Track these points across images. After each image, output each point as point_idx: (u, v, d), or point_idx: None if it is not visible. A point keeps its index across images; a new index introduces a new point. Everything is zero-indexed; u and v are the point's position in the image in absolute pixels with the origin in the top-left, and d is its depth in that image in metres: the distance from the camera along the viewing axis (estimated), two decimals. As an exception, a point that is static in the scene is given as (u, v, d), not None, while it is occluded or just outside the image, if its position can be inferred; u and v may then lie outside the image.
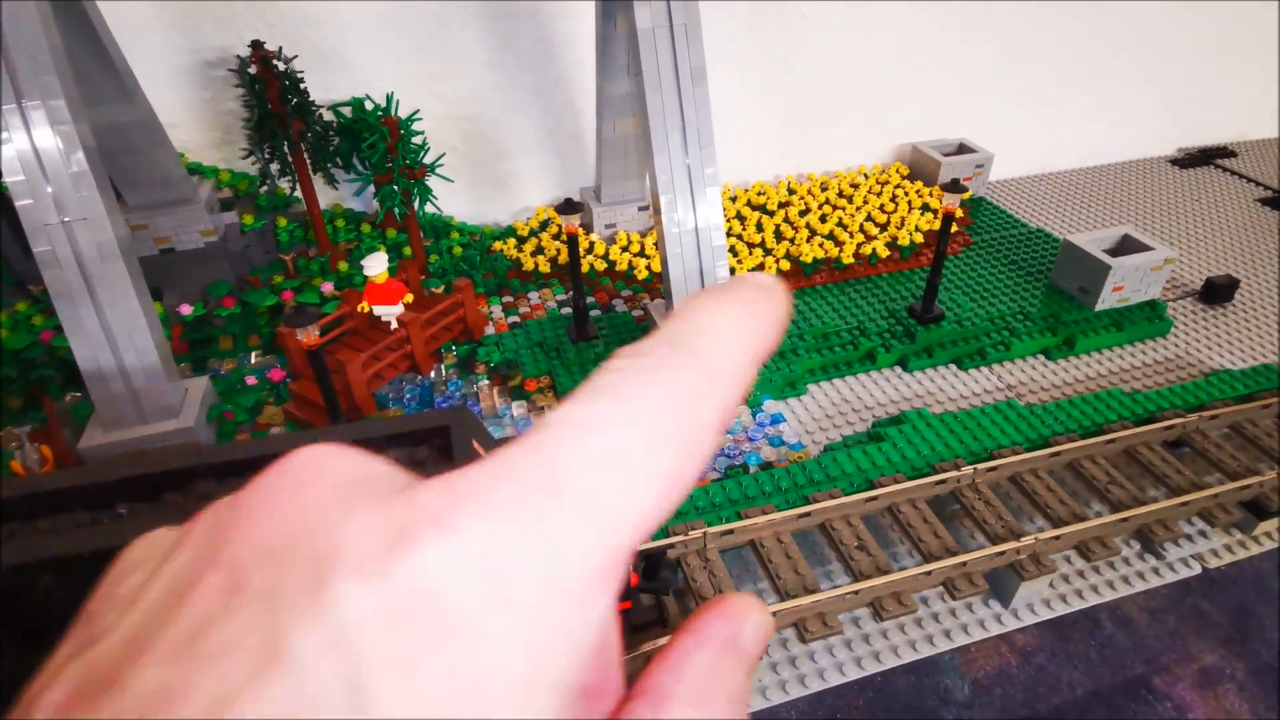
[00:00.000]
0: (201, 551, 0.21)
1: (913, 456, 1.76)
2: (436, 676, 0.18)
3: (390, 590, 0.18)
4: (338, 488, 0.21)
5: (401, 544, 0.19)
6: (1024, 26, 2.94)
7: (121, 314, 1.63)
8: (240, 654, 0.18)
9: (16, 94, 1.47)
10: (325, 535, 0.20)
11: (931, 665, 1.43)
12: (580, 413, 0.21)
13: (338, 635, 0.18)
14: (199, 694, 0.18)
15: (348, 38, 2.30)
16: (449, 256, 2.39)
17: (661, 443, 0.21)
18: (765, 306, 0.25)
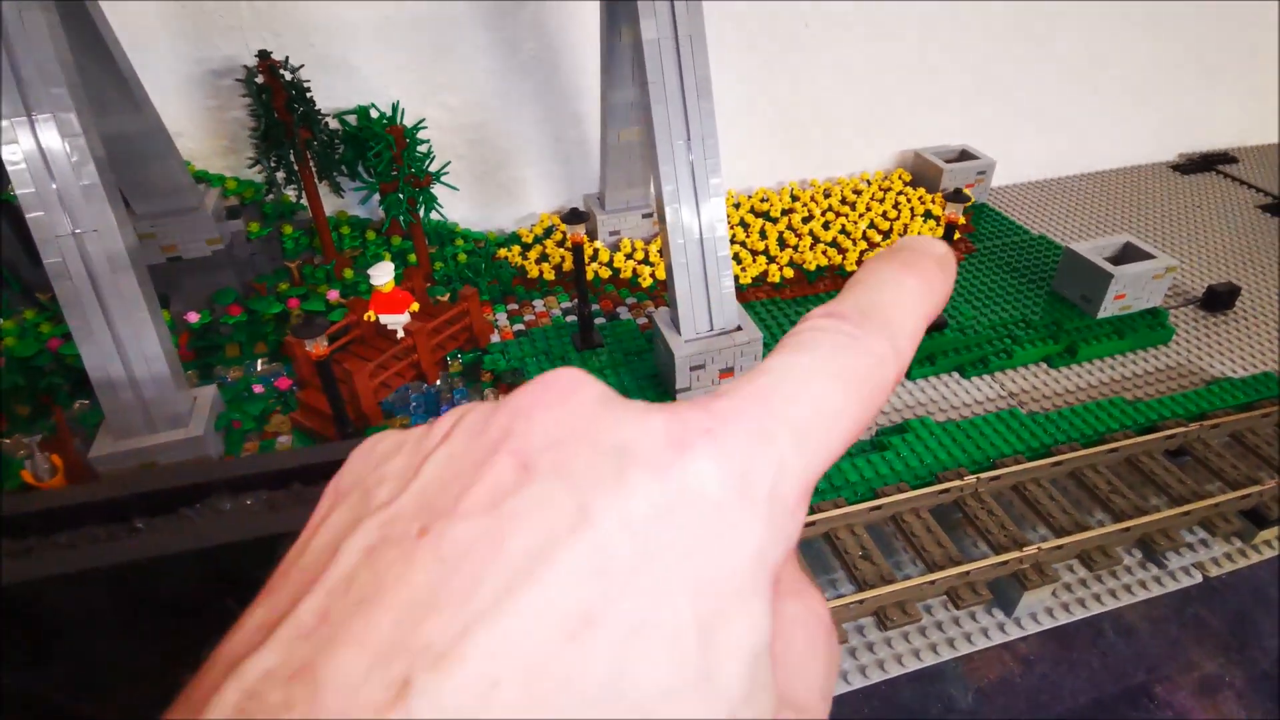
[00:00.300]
0: (479, 440, 0.25)
1: (916, 465, 1.78)
2: (698, 553, 0.22)
3: (671, 484, 0.22)
4: (599, 399, 0.25)
5: (681, 449, 0.23)
6: (1025, 33, 2.95)
7: (131, 324, 1.64)
8: (550, 513, 0.21)
9: (26, 106, 1.48)
10: (614, 432, 0.24)
11: (935, 674, 1.45)
12: (796, 362, 0.26)
13: (629, 514, 0.22)
14: (514, 544, 0.21)
15: (353, 46, 2.31)
16: (454, 264, 2.41)
17: (854, 396, 0.26)
18: (941, 283, 0.30)
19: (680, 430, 0.24)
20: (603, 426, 0.24)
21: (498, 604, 0.20)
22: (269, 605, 0.23)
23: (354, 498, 0.25)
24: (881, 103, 2.96)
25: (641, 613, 0.20)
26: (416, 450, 0.26)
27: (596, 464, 0.23)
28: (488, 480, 0.23)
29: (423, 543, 0.21)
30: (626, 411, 0.25)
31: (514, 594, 0.20)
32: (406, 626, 0.20)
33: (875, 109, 2.96)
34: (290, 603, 0.22)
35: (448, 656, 0.19)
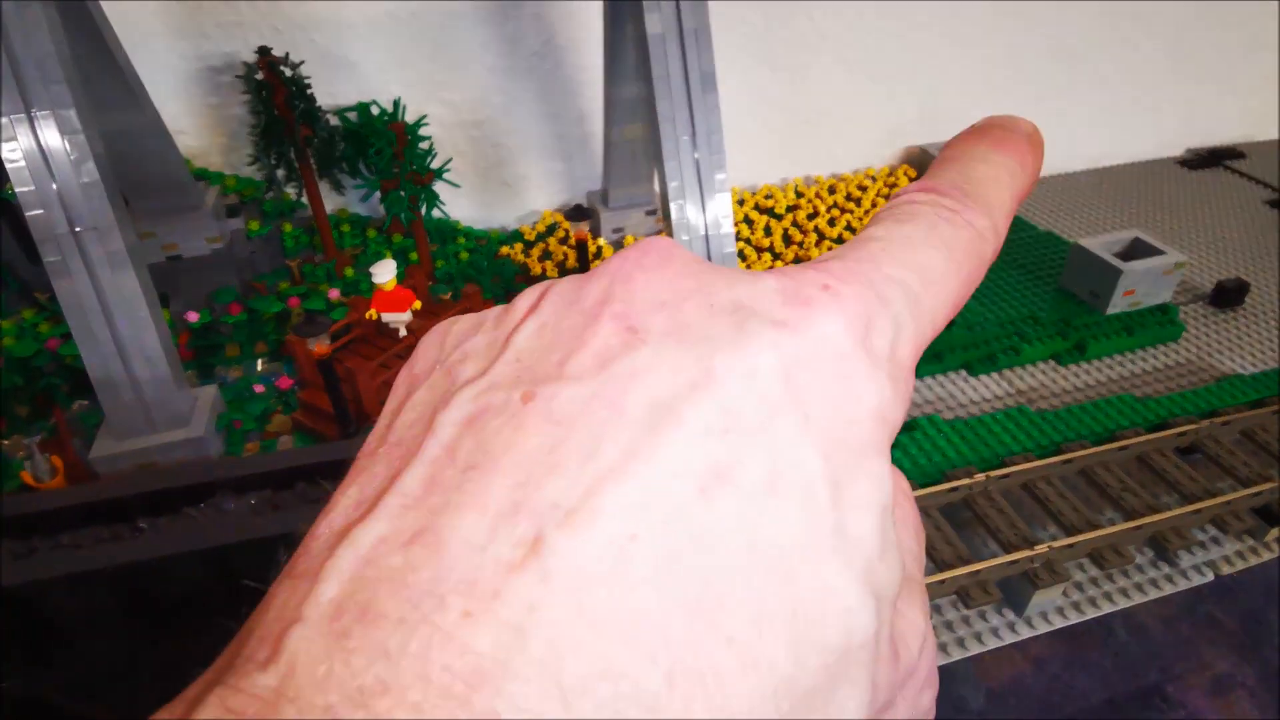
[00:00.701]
0: (575, 308, 0.24)
1: (925, 464, 1.76)
2: (825, 408, 0.21)
3: (796, 338, 0.22)
4: (695, 263, 0.25)
5: (802, 303, 0.23)
6: (1031, 27, 2.93)
7: (132, 323, 1.62)
8: (668, 373, 0.20)
9: (25, 103, 1.47)
10: (728, 291, 0.23)
11: (946, 674, 1.43)
12: (900, 231, 0.26)
13: (754, 370, 0.21)
14: (633, 402, 0.20)
15: (354, 43, 2.29)
16: (456, 261, 2.39)
17: (957, 267, 0.26)
18: (1033, 160, 0.30)
19: (796, 287, 0.23)
20: (714, 286, 0.24)
21: (624, 462, 0.19)
22: (363, 483, 0.21)
23: (436, 378, 0.24)
24: (886, 98, 2.93)
25: (772, 467, 0.20)
26: (499, 325, 0.25)
27: (713, 322, 0.22)
28: (593, 345, 0.22)
29: (530, 408, 0.20)
30: (735, 273, 0.24)
31: (640, 451, 0.19)
32: (528, 488, 0.19)
33: (880, 104, 2.94)
34: (390, 477, 0.20)
35: (578, 512, 0.18)
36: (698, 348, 0.21)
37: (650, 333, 0.22)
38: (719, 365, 0.21)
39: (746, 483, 0.19)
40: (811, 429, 0.21)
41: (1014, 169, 0.29)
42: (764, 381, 0.21)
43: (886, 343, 0.23)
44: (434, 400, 0.23)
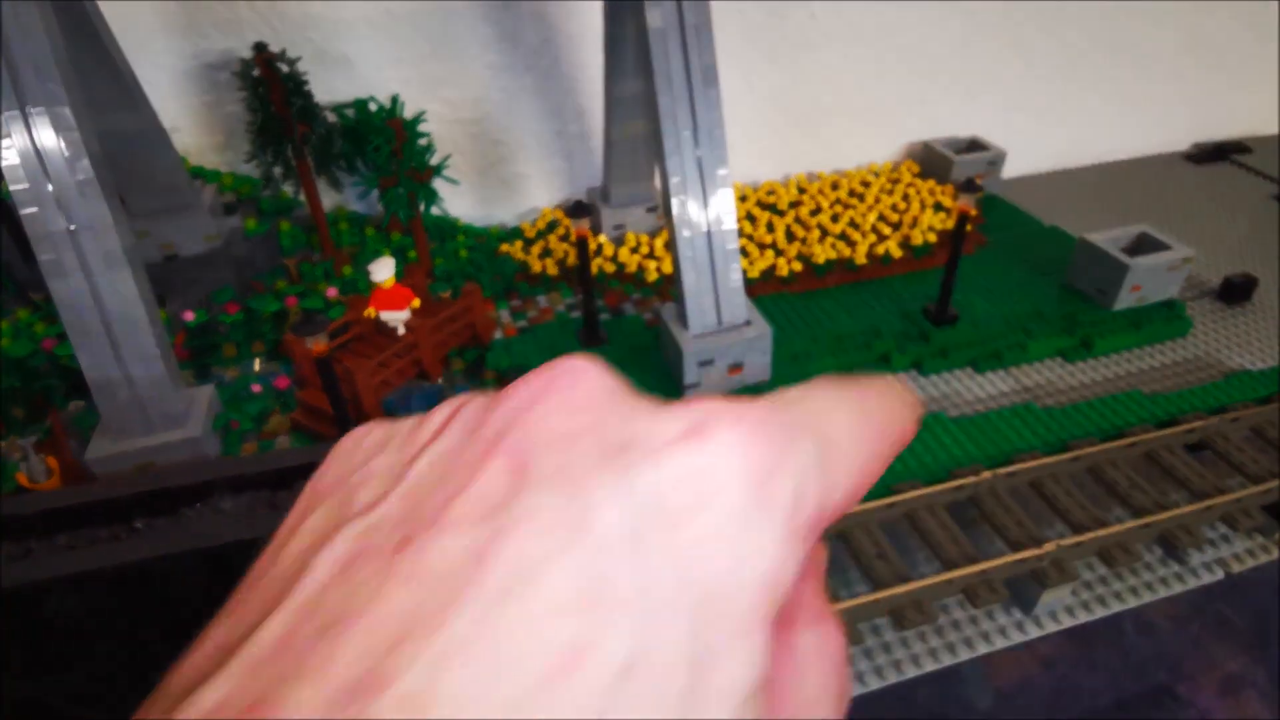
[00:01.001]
0: (473, 438, 0.23)
1: (930, 462, 1.74)
2: (706, 570, 0.20)
3: (687, 482, 0.21)
4: (609, 391, 0.24)
5: (701, 439, 0.21)
6: (1035, 22, 2.90)
7: (128, 323, 1.61)
8: (543, 527, 0.20)
9: (20, 99, 1.45)
10: (624, 427, 0.22)
11: (953, 674, 1.41)
12: (820, 392, 0.25)
13: (634, 524, 0.20)
14: (499, 562, 0.19)
15: (352, 41, 2.28)
16: (455, 259, 2.37)
17: (873, 437, 0.25)
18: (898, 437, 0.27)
19: (700, 421, 0.22)
20: (612, 421, 0.23)
21: (472, 638, 0.18)
22: (230, 624, 0.21)
23: (334, 499, 0.24)
24: (889, 93, 2.91)
25: (634, 645, 0.19)
26: (406, 445, 0.24)
27: (601, 465, 0.21)
28: (480, 485, 0.21)
29: (401, 558, 0.20)
30: (640, 404, 0.23)
31: (490, 628, 0.18)
32: (372, 659, 0.18)
33: (883, 99, 2.92)
34: (253, 622, 0.20)
35: (413, 700, 0.17)
36: (579, 497, 0.20)
37: (537, 475, 0.21)
38: (597, 521, 0.20)
39: (602, 664, 0.18)
40: (687, 596, 0.19)
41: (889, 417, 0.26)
42: (644, 537, 0.20)
43: (788, 494, 0.22)
44: (324, 529, 0.22)
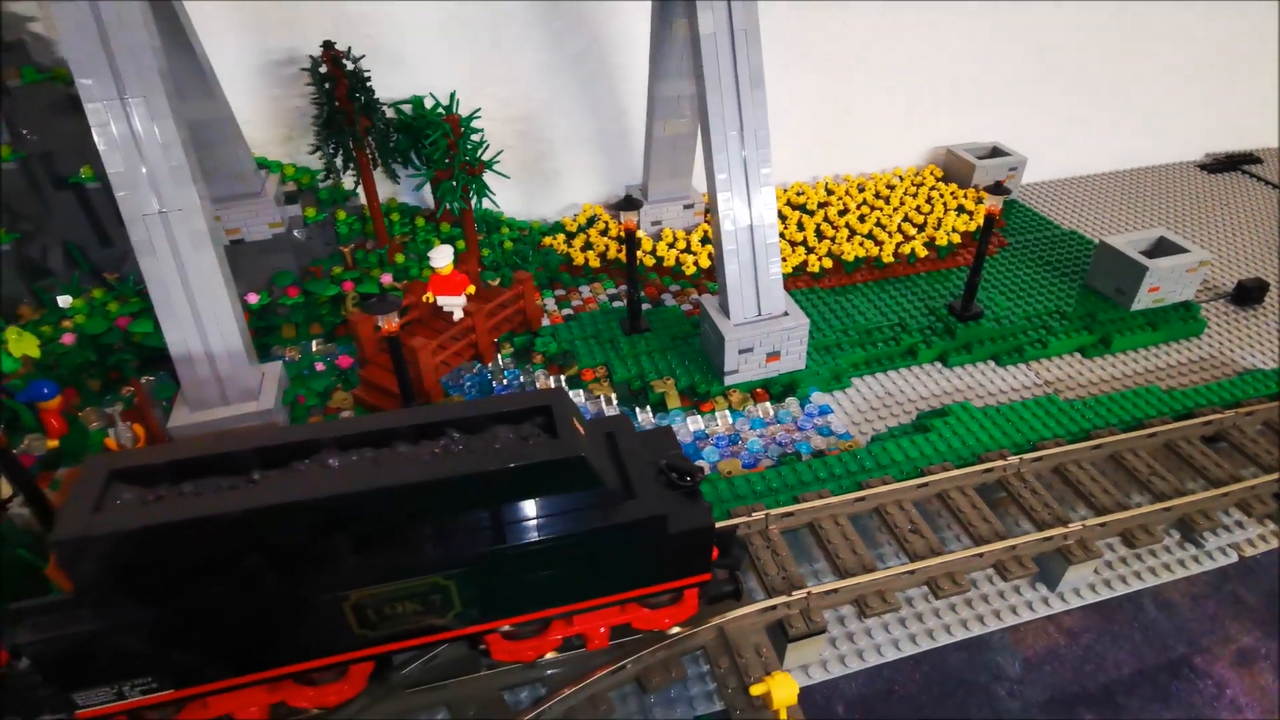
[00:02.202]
0: None
1: (958, 446, 1.83)
2: None
3: None
4: None
5: None
6: (1055, 32, 3.00)
7: (210, 301, 1.71)
8: None
9: (119, 88, 1.55)
10: None
11: (983, 643, 1.51)
12: None
13: None
14: None
15: (407, 38, 2.38)
16: (501, 250, 2.47)
17: None
18: None
19: None
20: None
21: None
22: None
23: None
24: (914, 100, 3.01)
25: None
26: None
27: None
28: None
29: None
30: None
31: None
32: None
33: (908, 106, 3.02)
34: None
35: None
36: None
37: None
38: None
39: None
40: None
41: None
42: None
43: None
44: None
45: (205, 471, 1.05)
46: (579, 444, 1.08)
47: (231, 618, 1.04)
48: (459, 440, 1.10)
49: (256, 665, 1.10)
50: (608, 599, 1.22)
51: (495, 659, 1.26)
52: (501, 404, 1.15)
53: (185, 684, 1.08)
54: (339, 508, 1.01)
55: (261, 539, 1.01)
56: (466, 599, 1.12)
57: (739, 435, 1.92)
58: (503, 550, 1.09)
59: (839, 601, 1.46)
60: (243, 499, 1.00)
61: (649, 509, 1.15)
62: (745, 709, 1.26)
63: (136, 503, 1.00)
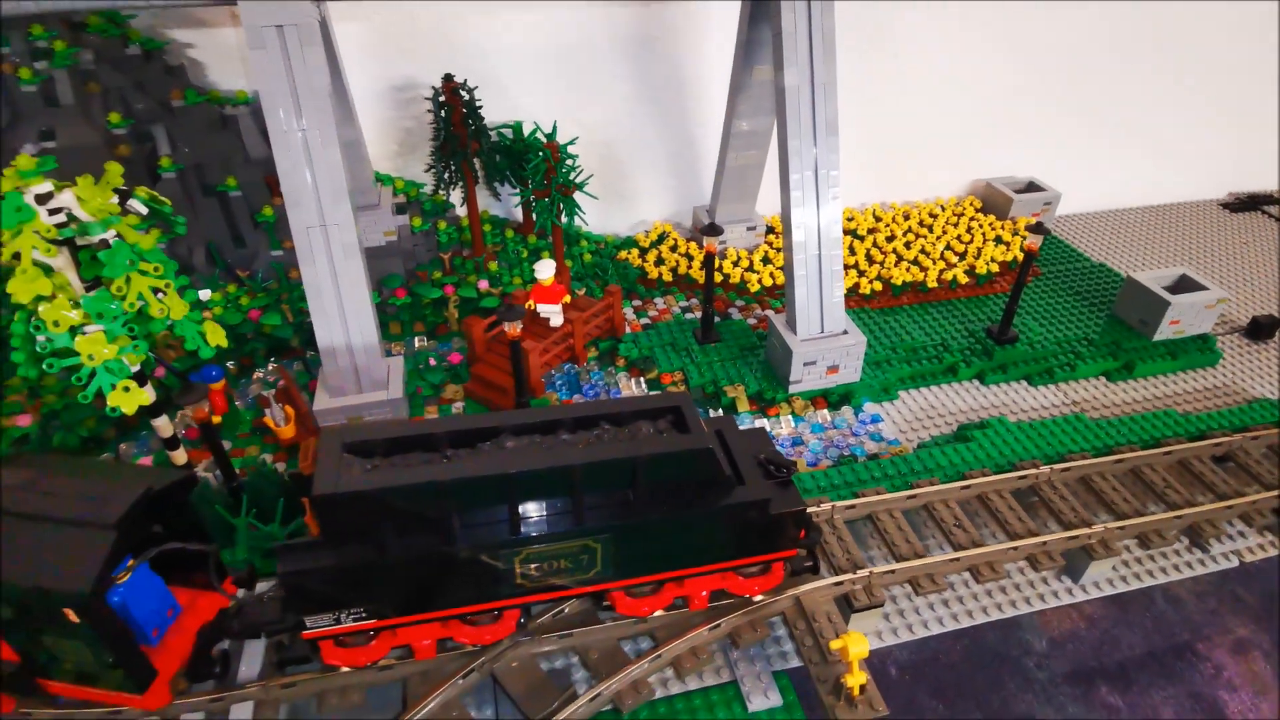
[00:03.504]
0: None
1: (995, 455, 2.09)
2: None
3: None
4: None
5: None
6: (1092, 75, 3.23)
7: (354, 302, 1.99)
8: None
9: (298, 121, 1.83)
10: None
11: (1015, 623, 1.76)
12: None
13: None
14: None
15: (506, 68, 2.65)
16: (580, 263, 2.74)
17: None
18: None
19: None
20: None
21: None
22: None
23: None
24: (957, 134, 3.25)
25: None
26: None
27: None
28: None
29: None
30: None
31: None
32: None
33: (950, 139, 3.26)
34: None
35: None
36: None
37: None
38: None
39: None
40: None
41: None
42: None
43: None
44: None
45: (410, 448, 1.33)
46: (705, 438, 1.35)
47: (427, 565, 1.31)
48: (609, 431, 1.37)
49: (438, 605, 1.37)
50: (714, 567, 1.49)
51: (619, 613, 1.53)
52: (640, 403, 1.42)
53: (384, 616, 1.35)
54: (518, 481, 1.28)
55: (457, 504, 1.28)
56: (606, 560, 1.39)
57: (801, 438, 2.18)
58: (639, 521, 1.36)
59: (895, 581, 1.72)
60: (443, 471, 1.27)
61: (755, 494, 1.41)
62: (820, 663, 1.52)
63: (364, 469, 1.27)
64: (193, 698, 1.39)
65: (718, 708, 1.52)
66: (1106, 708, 1.62)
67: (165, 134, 2.30)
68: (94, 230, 1.48)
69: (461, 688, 1.46)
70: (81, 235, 1.51)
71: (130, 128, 2.23)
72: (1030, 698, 1.64)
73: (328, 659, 1.40)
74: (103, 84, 2.19)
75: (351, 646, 1.40)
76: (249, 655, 1.49)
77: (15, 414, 1.97)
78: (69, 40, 2.15)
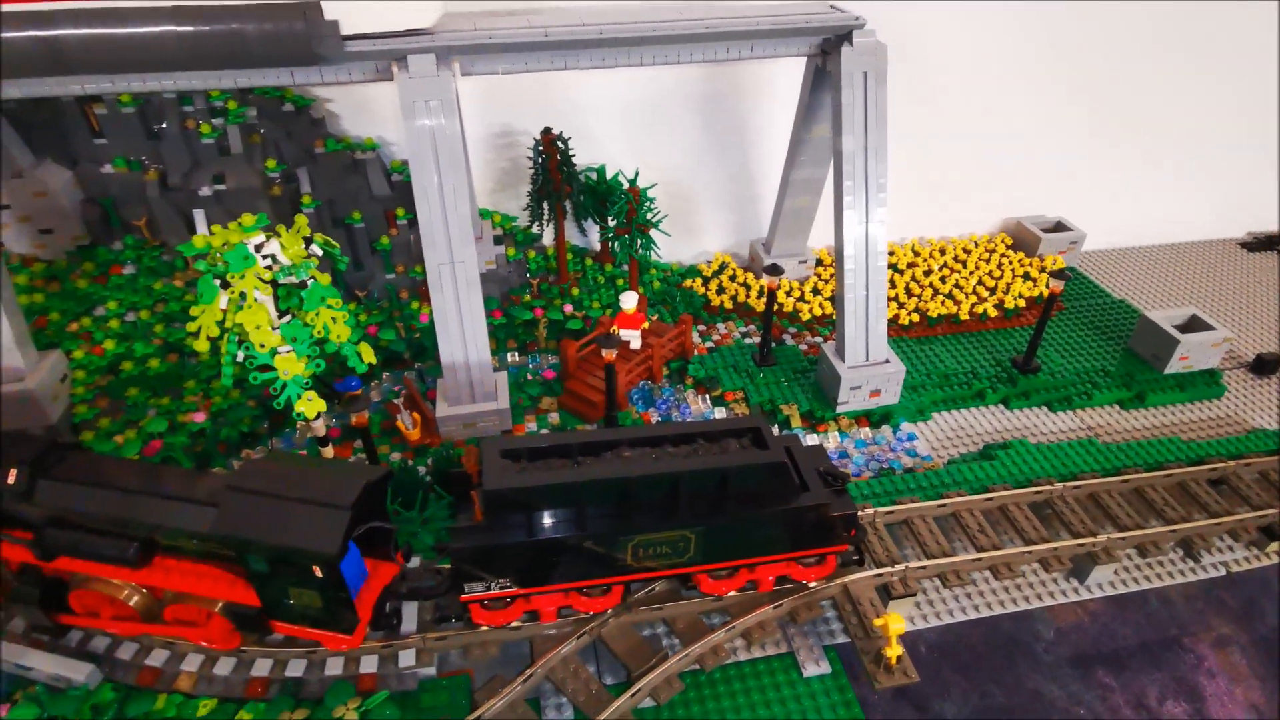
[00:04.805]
0: None
1: (1016, 472, 2.41)
2: None
3: None
4: None
5: None
6: (1119, 118, 3.51)
7: (473, 326, 2.36)
8: None
9: (439, 177, 2.20)
10: None
11: (1027, 615, 2.09)
12: None
13: None
14: None
15: (592, 118, 3.01)
16: (650, 290, 3.11)
17: None
18: None
19: None
20: None
21: None
22: None
23: None
24: (990, 174, 3.55)
25: None
26: None
27: None
28: None
29: None
30: None
31: None
32: None
33: (984, 179, 3.56)
34: None
35: None
36: None
37: None
38: None
39: None
40: None
41: None
42: None
43: None
44: None
45: (550, 455, 1.70)
46: (779, 453, 1.71)
47: (561, 546, 1.68)
48: (703, 445, 1.73)
49: (564, 579, 1.74)
50: (780, 557, 1.84)
51: (702, 592, 1.89)
52: (727, 424, 1.78)
53: (524, 586, 1.72)
54: (634, 483, 1.65)
55: (587, 499, 1.65)
56: (697, 548, 1.75)
57: (846, 452, 2.52)
58: (725, 518, 1.72)
59: (926, 575, 2.06)
60: (578, 473, 1.64)
61: (816, 498, 1.77)
62: (863, 638, 1.87)
63: (517, 470, 1.65)
64: (372, 644, 1.78)
65: (777, 673, 1.87)
66: (1102, 686, 1.95)
67: (308, 176, 2.70)
68: (299, 273, 1.88)
69: (575, 646, 1.83)
70: (284, 276, 1.90)
71: (282, 171, 2.63)
72: (1038, 676, 1.97)
73: (475, 619, 1.77)
74: (263, 135, 2.60)
75: (494, 609, 1.77)
76: (407, 614, 1.88)
77: (191, 411, 2.38)
78: (239, 100, 2.56)
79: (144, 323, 2.50)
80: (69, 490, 1.56)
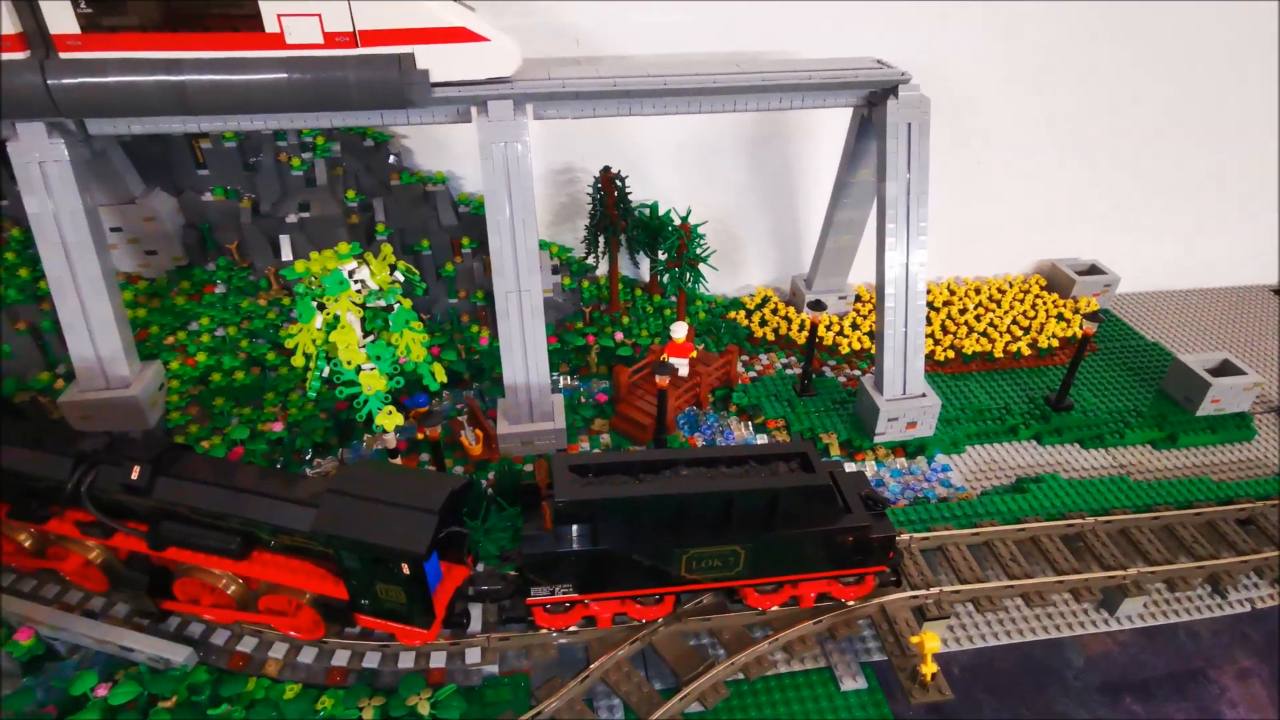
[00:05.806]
0: None
1: (1048, 505, 2.51)
2: None
3: None
4: None
5: None
6: (1151, 163, 3.60)
7: (535, 349, 2.53)
8: None
9: (510, 213, 2.38)
10: None
11: (1058, 643, 2.18)
12: None
13: None
14: None
15: (644, 156, 3.19)
16: (696, 321, 3.26)
17: None
18: None
19: None
20: None
21: None
22: None
23: None
24: (1024, 217, 3.67)
25: None
26: None
27: None
28: None
29: None
30: None
31: None
32: None
33: (1019, 221, 3.68)
34: None
35: None
36: None
37: None
38: None
39: None
40: None
41: None
42: None
43: None
44: None
45: (614, 471, 1.85)
46: (825, 477, 1.84)
47: (621, 556, 1.82)
48: (754, 467, 1.87)
49: (622, 587, 1.88)
50: (822, 575, 1.96)
51: (748, 604, 2.02)
52: (776, 448, 1.92)
53: (585, 592, 1.86)
54: (691, 500, 1.79)
55: (647, 513, 1.79)
56: (746, 563, 1.88)
57: (882, 480, 2.64)
58: (773, 535, 1.85)
59: (959, 599, 2.17)
60: (639, 489, 1.78)
61: (859, 521, 1.89)
62: (899, 655, 1.98)
63: (584, 485, 1.79)
64: (442, 641, 1.93)
65: (815, 686, 1.99)
66: (1129, 713, 2.03)
67: (382, 206, 2.91)
68: (387, 297, 2.06)
69: (629, 651, 1.97)
70: (373, 299, 2.09)
71: (360, 202, 2.84)
72: (1068, 701, 2.06)
73: (538, 622, 1.92)
74: (344, 168, 2.82)
75: (555, 614, 1.92)
76: (474, 614, 2.03)
77: (270, 421, 2.57)
78: (326, 136, 2.78)
79: (232, 338, 2.70)
80: (185, 487, 1.74)
